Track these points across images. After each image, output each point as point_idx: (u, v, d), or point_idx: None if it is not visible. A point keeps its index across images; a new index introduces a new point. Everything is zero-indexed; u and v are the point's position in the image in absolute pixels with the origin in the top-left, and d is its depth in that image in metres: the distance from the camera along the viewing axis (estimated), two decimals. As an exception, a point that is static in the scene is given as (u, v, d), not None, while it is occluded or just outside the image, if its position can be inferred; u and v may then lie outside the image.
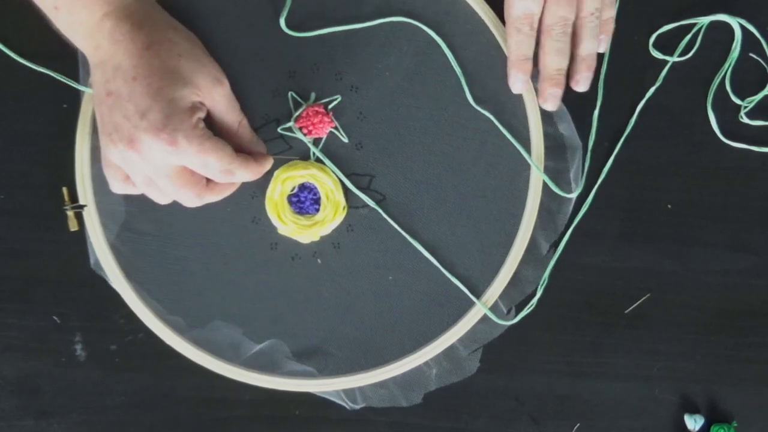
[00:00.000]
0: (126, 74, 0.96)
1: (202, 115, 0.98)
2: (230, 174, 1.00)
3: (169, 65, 0.97)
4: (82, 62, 1.13)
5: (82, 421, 1.18)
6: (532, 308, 1.16)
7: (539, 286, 1.16)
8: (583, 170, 1.15)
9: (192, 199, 1.01)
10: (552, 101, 1.11)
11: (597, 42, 1.10)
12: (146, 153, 0.96)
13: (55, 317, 1.17)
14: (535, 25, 1.08)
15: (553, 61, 1.09)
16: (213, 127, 0.99)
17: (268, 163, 1.06)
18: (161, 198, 1.03)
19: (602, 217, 1.17)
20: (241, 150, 1.03)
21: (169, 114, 0.94)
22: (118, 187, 1.03)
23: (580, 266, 1.17)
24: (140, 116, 0.94)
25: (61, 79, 1.14)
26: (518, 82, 1.11)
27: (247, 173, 1.02)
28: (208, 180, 1.02)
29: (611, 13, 1.11)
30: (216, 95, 0.99)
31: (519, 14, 1.07)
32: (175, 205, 1.07)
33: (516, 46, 1.09)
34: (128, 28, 0.97)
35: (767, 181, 1.17)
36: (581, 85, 1.12)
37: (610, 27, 1.12)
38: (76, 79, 1.14)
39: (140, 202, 1.13)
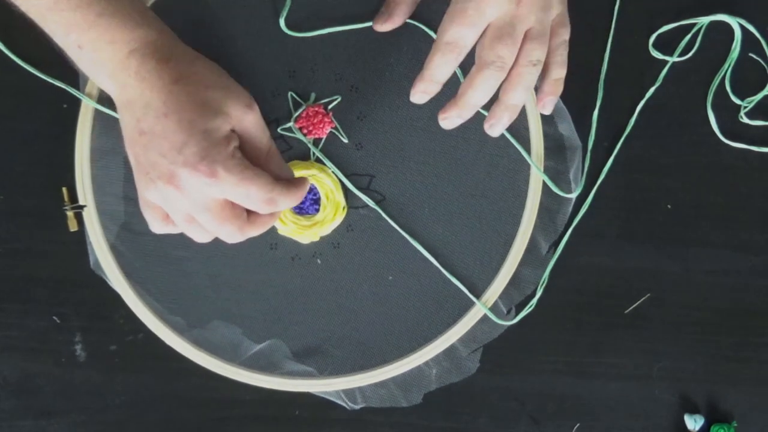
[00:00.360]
0: (157, 111, 0.94)
1: (236, 143, 0.95)
2: (273, 203, 0.96)
3: (198, 97, 0.95)
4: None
5: (82, 421, 1.18)
6: (532, 308, 1.16)
7: (539, 286, 1.16)
8: (582, 170, 1.15)
9: (234, 234, 0.98)
10: (448, 125, 1.05)
11: (528, 94, 1.04)
12: (186, 188, 0.94)
13: (55, 317, 1.17)
14: (462, 56, 1.02)
15: (475, 97, 1.02)
16: (243, 153, 0.98)
17: (306, 185, 1.01)
18: (203, 236, 1.00)
19: (602, 217, 1.17)
20: None
21: (205, 146, 0.93)
22: (158, 227, 1.01)
23: (580, 266, 1.17)
24: (177, 152, 0.93)
25: (62, 86, 1.14)
26: (419, 98, 1.06)
27: (289, 200, 0.98)
28: (249, 213, 1.00)
29: (561, 73, 1.06)
30: (246, 122, 0.97)
31: (450, 40, 1.01)
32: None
33: (434, 66, 1.02)
34: (154, 65, 0.95)
35: (767, 181, 1.16)
36: (495, 130, 1.05)
37: (559, 88, 1.07)
38: (76, 84, 1.14)
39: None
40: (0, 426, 1.18)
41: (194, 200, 0.94)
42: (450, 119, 1.04)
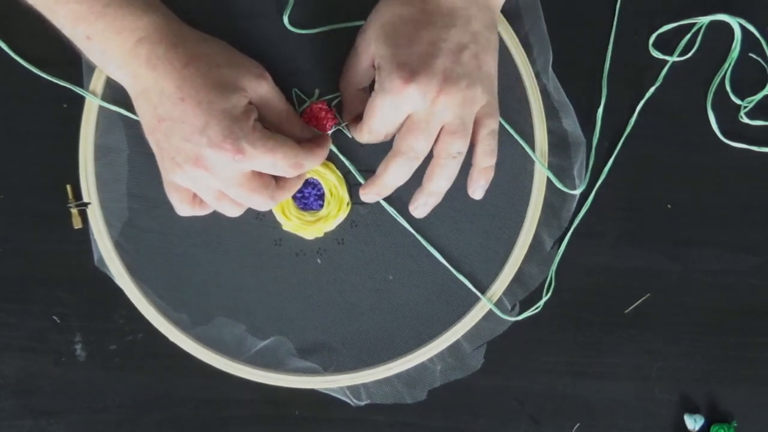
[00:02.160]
0: (173, 97, 0.96)
1: (255, 115, 0.98)
2: (299, 166, 1.00)
3: (211, 78, 0.97)
4: (85, 66, 1.13)
5: (82, 421, 1.18)
6: (538, 309, 1.16)
7: (545, 289, 1.16)
8: (587, 167, 1.15)
9: (265, 201, 1.01)
10: (369, 200, 1.09)
11: (449, 182, 1.06)
12: (214, 168, 0.96)
13: (55, 317, 1.17)
14: (386, 139, 1.05)
15: (389, 180, 1.05)
16: (263, 122, 1.00)
17: (328, 143, 1.06)
18: (234, 210, 1.03)
19: (603, 217, 1.17)
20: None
21: (227, 125, 0.95)
22: (185, 210, 1.04)
23: (580, 266, 1.17)
24: (199, 134, 0.95)
25: (66, 85, 1.14)
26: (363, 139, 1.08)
27: (314, 160, 1.02)
28: (277, 178, 1.02)
29: (490, 162, 1.07)
30: (261, 91, 1.00)
31: (372, 129, 1.04)
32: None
33: (364, 140, 1.07)
34: (164, 51, 0.97)
35: (767, 181, 1.17)
36: (418, 212, 1.09)
37: (489, 175, 1.08)
38: (80, 83, 1.14)
39: (143, 200, 1.13)
40: (0, 426, 1.17)
41: (223, 178, 0.97)
42: (368, 196, 1.08)
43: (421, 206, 1.08)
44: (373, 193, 1.07)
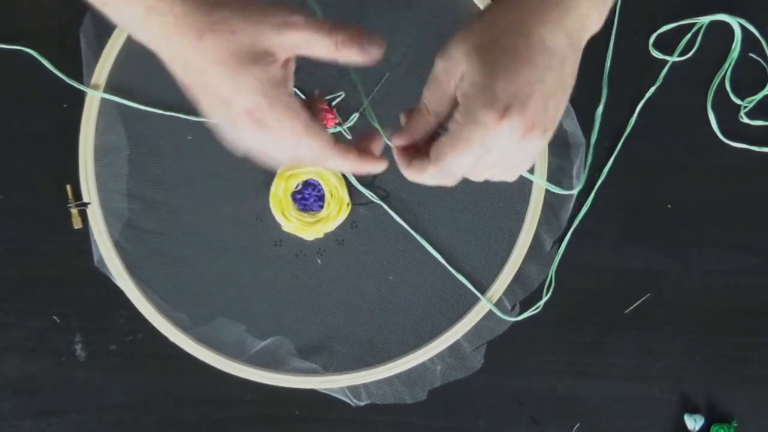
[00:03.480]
0: (195, 68, 0.88)
1: (286, 85, 0.89)
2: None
3: (229, 48, 0.87)
4: (86, 62, 1.13)
5: (82, 421, 1.18)
6: (538, 309, 1.16)
7: (545, 289, 1.16)
8: (585, 166, 1.15)
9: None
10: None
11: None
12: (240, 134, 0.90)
13: (55, 317, 1.17)
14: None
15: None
16: None
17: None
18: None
19: (602, 217, 1.17)
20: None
21: (252, 98, 0.87)
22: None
23: (581, 266, 1.17)
24: (226, 106, 0.88)
25: (66, 79, 1.14)
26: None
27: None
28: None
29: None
30: (289, 41, 0.88)
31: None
32: (179, 202, 1.07)
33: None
34: (173, 22, 0.88)
35: (767, 181, 1.17)
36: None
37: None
38: (80, 79, 1.14)
39: (143, 200, 1.13)
40: (0, 426, 1.17)
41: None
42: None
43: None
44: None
